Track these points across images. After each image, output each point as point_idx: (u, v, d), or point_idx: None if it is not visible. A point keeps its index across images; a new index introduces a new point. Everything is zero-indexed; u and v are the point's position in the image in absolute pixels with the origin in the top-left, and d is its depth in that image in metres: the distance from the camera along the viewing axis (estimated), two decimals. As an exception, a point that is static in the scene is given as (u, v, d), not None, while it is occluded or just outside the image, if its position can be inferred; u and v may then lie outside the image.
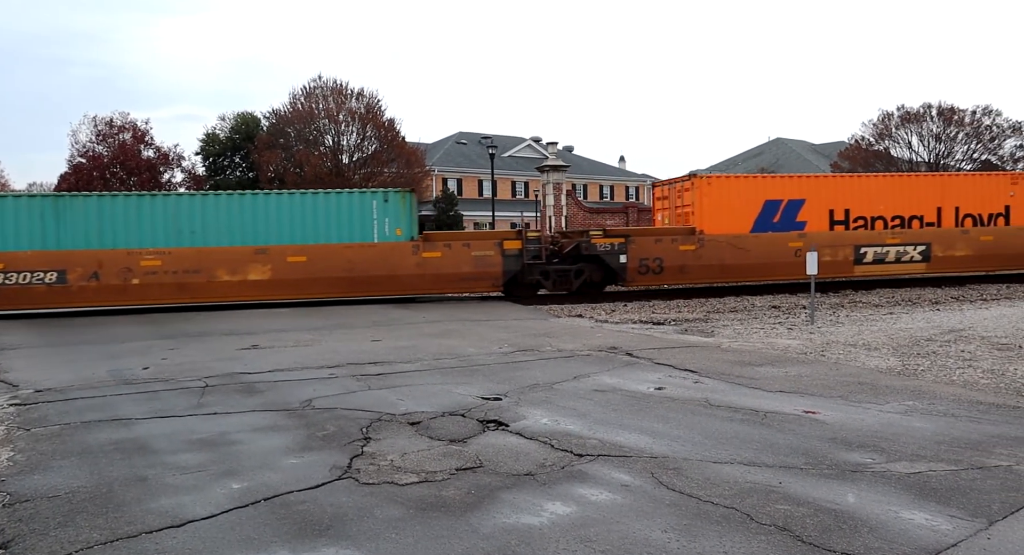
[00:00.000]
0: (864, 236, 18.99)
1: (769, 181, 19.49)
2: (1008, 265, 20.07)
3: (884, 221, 19.28)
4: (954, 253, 19.36)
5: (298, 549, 3.57)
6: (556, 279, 17.70)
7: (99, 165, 36.88)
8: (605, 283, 18.21)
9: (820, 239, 18.29)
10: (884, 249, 18.98)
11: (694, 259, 17.85)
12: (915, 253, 19.19)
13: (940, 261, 19.32)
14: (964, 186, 20.06)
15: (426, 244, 17.00)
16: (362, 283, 16.69)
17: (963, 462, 4.66)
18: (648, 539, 3.60)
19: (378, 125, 36.19)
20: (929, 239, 19.25)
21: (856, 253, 18.84)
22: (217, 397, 7.00)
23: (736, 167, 59.41)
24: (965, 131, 39.48)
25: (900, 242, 19.15)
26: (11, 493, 4.42)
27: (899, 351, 9.02)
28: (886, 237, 19.08)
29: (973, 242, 19.58)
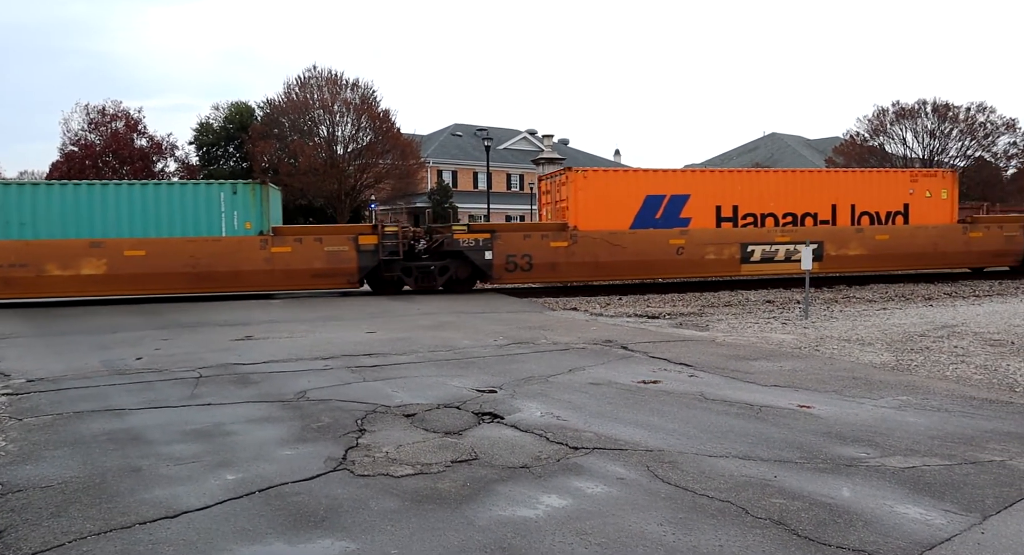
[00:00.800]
0: (752, 234, 18.37)
1: (651, 176, 18.65)
2: (906, 265, 19.58)
3: (775, 218, 18.69)
4: (847, 252, 18.81)
5: (293, 540, 3.55)
6: (419, 276, 17.11)
7: (91, 154, 36.62)
8: (473, 280, 17.56)
9: (703, 236, 17.85)
10: (773, 247, 18.37)
11: (566, 256, 17.24)
12: None
13: (833, 260, 18.77)
14: (862, 183, 19.49)
15: (276, 239, 16.26)
16: (207, 279, 15.97)
17: (957, 457, 4.69)
18: (644, 532, 3.60)
19: (373, 116, 36.03)
20: (821, 237, 18.61)
21: (743, 251, 18.24)
22: (211, 388, 6.97)
23: (731, 161, 59.47)
24: (959, 127, 39.61)
25: (790, 240, 18.50)
26: (3, 483, 4.39)
27: (893, 346, 9.06)
28: (775, 235, 18.45)
29: (868, 241, 19.00)
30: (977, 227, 19.74)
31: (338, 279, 16.56)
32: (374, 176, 36.92)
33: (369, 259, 16.57)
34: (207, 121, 42.50)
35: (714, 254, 18.01)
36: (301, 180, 33.98)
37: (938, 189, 19.67)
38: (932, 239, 19.23)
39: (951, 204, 19.76)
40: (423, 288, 17.09)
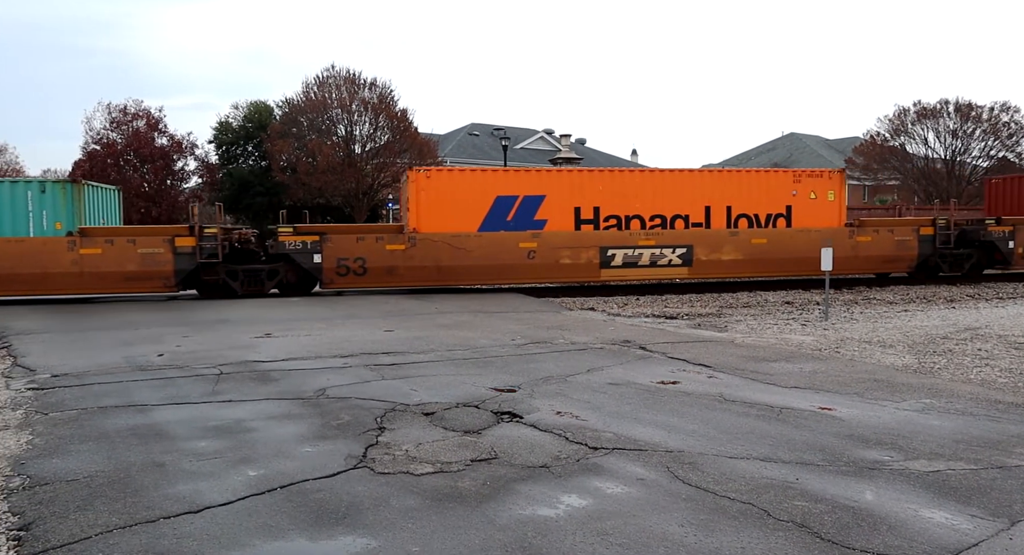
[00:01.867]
0: (612, 237, 17.34)
1: (503, 175, 17.67)
2: (786, 270, 18.30)
3: (642, 221, 17.62)
4: (720, 257, 17.73)
5: (315, 537, 3.58)
6: (245, 279, 16.21)
7: (113, 152, 37.07)
8: (306, 284, 16.77)
9: (557, 239, 16.97)
10: (636, 251, 17.34)
11: (404, 260, 16.44)
12: (674, 256, 17.54)
13: (704, 265, 17.75)
14: (739, 184, 18.37)
15: (85, 240, 15.33)
16: (10, 282, 15.08)
17: (983, 461, 4.62)
18: (665, 533, 3.58)
19: (390, 115, 36.16)
20: (690, 241, 17.61)
21: (602, 255, 17.19)
22: (232, 384, 7.04)
23: (749, 161, 59.04)
24: (982, 127, 39.00)
25: (655, 244, 17.47)
26: (31, 476, 4.46)
27: (915, 349, 8.95)
28: (639, 238, 17.40)
29: (743, 245, 17.84)
30: (865, 231, 18.55)
31: (153, 282, 15.71)
32: (391, 175, 37.03)
33: (187, 262, 15.65)
34: (226, 120, 42.89)
35: (570, 258, 17.05)
36: (319, 179, 34.19)
37: (824, 190, 18.55)
38: (815, 243, 17.53)
39: (839, 206, 18.62)
40: (250, 292, 16.16)
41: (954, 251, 19.25)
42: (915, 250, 18.85)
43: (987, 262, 19.86)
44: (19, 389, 7.02)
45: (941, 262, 19.24)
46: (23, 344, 9.95)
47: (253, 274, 16.37)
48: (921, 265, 19.11)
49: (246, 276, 16.28)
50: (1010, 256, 19.37)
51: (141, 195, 35.94)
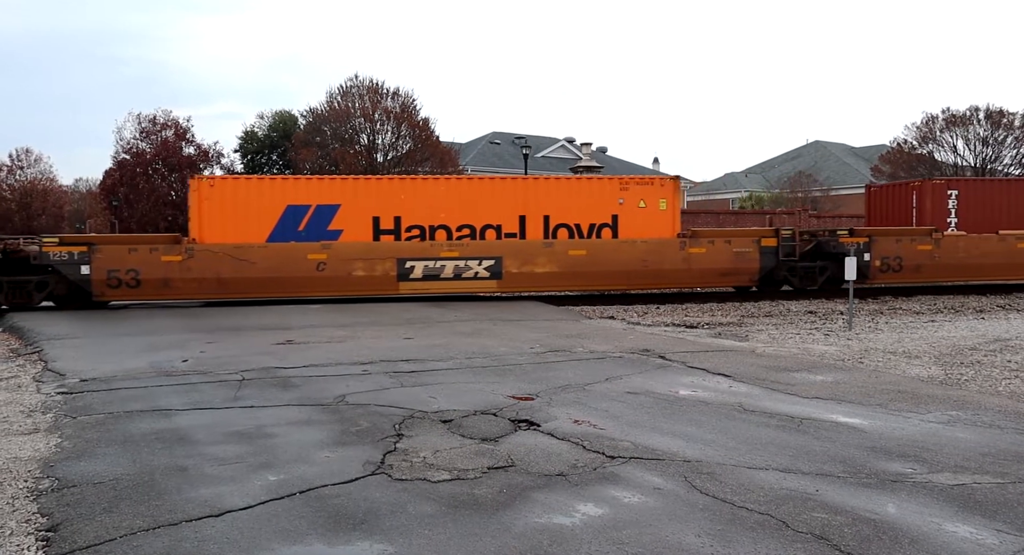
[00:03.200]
0: (412, 248, 16.50)
1: (294, 184, 16.96)
2: (610, 284, 17.28)
3: (448, 231, 16.84)
4: (534, 269, 16.60)
5: (333, 542, 3.62)
6: (10, 292, 15.29)
7: (142, 161, 37.86)
8: (78, 297, 15.71)
9: (350, 251, 16.12)
10: (438, 264, 16.35)
11: (181, 272, 15.56)
12: (480, 269, 16.50)
13: (515, 278, 16.66)
14: (559, 192, 17.31)
15: None
16: None
17: (1010, 475, 4.53)
18: (682, 543, 3.57)
19: (412, 124, 36.49)
20: (500, 253, 16.54)
21: (400, 268, 16.26)
22: (253, 390, 7.13)
23: (773, 169, 58.50)
24: (1014, 135, 38.28)
25: (459, 256, 16.46)
26: (59, 478, 4.57)
27: (941, 360, 8.79)
28: (441, 250, 16.46)
29: (559, 257, 16.65)
30: (699, 242, 17.25)
31: None
32: (413, 184, 37.38)
33: None
34: (252, 129, 43.61)
35: (364, 271, 16.15)
36: None
37: (654, 198, 17.40)
38: (641, 255, 16.87)
39: (671, 215, 17.43)
40: (18, 304, 15.36)
41: (805, 264, 17.90)
42: (756, 263, 17.44)
43: None
44: (49, 393, 7.18)
45: (790, 275, 17.89)
46: (53, 349, 10.18)
47: (19, 285, 15.49)
48: (765, 278, 17.81)
49: (10, 287, 15.42)
50: (867, 269, 17.72)
51: (168, 203, 36.63)
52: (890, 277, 18.08)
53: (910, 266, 18.02)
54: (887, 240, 18.10)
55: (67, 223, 48.31)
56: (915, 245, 18.15)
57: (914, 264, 18.03)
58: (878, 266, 17.87)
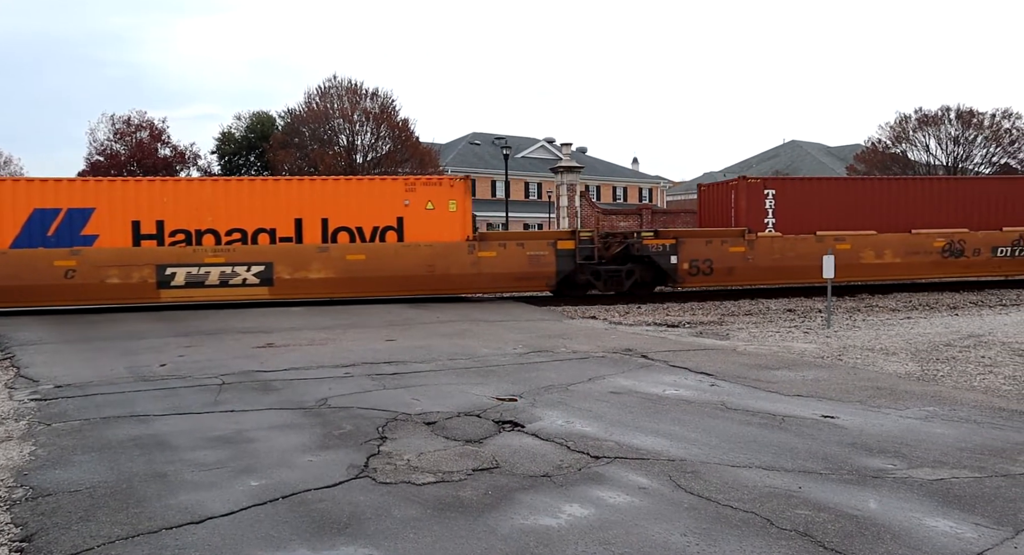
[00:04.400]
0: (173, 254, 15.63)
1: (42, 186, 15.60)
2: (393, 289, 16.57)
3: (217, 236, 15.92)
4: (308, 275, 16.03)
5: (317, 547, 3.58)
6: None
7: (116, 163, 37.31)
8: None
9: (104, 257, 15.22)
10: (203, 270, 15.59)
11: None
12: (249, 275, 15.84)
13: (288, 285, 16.02)
14: (339, 194, 16.49)
15: None
16: None
17: (987, 469, 4.60)
18: (667, 542, 3.58)
19: (392, 125, 36.35)
20: (271, 258, 15.88)
21: (160, 274, 15.47)
22: (234, 395, 7.04)
23: (750, 169, 59.11)
24: (984, 134, 39.06)
25: (226, 261, 15.72)
26: (34, 487, 4.47)
27: (918, 356, 8.93)
28: (205, 256, 15.67)
29: (336, 262, 16.07)
30: (489, 245, 16.68)
31: None
32: (393, 184, 37.23)
33: None
34: (229, 130, 43.14)
35: (119, 278, 15.29)
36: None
37: (443, 200, 16.66)
38: (426, 260, 16.35)
39: (461, 217, 16.71)
40: None
41: (610, 267, 17.48)
42: (552, 266, 16.98)
43: (660, 278, 17.97)
44: (22, 400, 7.03)
45: (594, 279, 17.40)
46: (26, 355, 9.97)
47: None
48: (564, 282, 17.36)
49: None
50: (673, 272, 17.46)
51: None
52: (700, 280, 17.72)
53: (721, 269, 17.68)
54: (696, 242, 17.71)
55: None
56: (726, 247, 17.72)
57: (726, 266, 17.69)
58: (686, 269, 17.54)
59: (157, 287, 15.60)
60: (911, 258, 18.51)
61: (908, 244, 18.56)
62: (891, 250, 18.51)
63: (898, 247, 18.53)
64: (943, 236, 18.77)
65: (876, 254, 18.41)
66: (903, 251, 18.52)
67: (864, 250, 18.34)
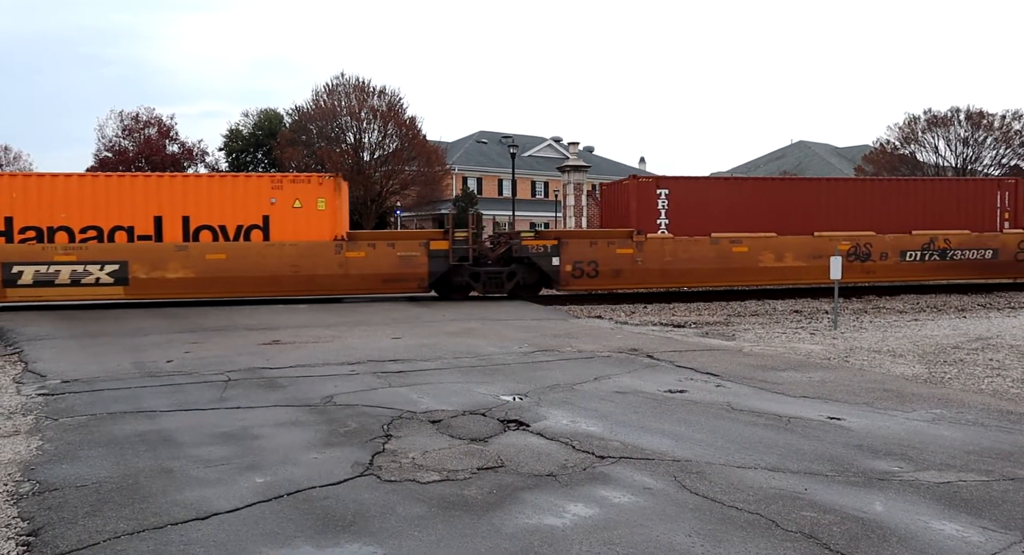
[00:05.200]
0: (20, 251, 15.17)
1: None
2: (258, 289, 16.11)
3: (70, 233, 15.50)
4: (166, 274, 15.65)
5: (321, 544, 3.58)
6: None
7: (124, 159, 37.47)
8: None
9: None
10: (52, 268, 15.19)
11: None
12: (103, 274, 15.46)
13: (144, 284, 15.62)
14: (201, 192, 16.06)
15: None
16: None
17: (994, 472, 4.57)
18: (672, 543, 3.57)
19: (399, 123, 36.36)
20: (126, 257, 15.49)
21: (6, 273, 15.05)
22: (239, 391, 7.06)
23: (758, 169, 58.91)
24: (994, 136, 38.82)
25: (77, 260, 15.29)
26: (40, 482, 4.49)
27: (925, 358, 8.88)
28: (55, 253, 15.25)
29: (196, 261, 15.70)
30: (358, 245, 16.34)
31: None
32: (400, 183, 37.22)
33: None
34: (237, 127, 43.26)
35: None
36: None
37: (312, 198, 16.30)
38: (291, 260, 15.93)
39: (331, 216, 16.50)
40: None
41: (491, 269, 17.10)
42: (425, 268, 16.60)
43: (547, 280, 17.44)
44: (30, 395, 7.07)
45: (473, 281, 16.99)
46: (34, 350, 10.03)
47: None
48: (440, 284, 17.04)
49: None
50: (555, 274, 16.98)
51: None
52: (585, 283, 17.20)
53: (608, 271, 17.14)
54: (579, 243, 17.18)
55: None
56: (613, 248, 17.15)
57: (612, 269, 17.16)
58: (570, 271, 16.99)
59: (3, 286, 15.20)
60: (814, 262, 17.67)
61: (810, 247, 17.85)
62: (792, 253, 17.84)
63: (800, 250, 17.87)
64: (848, 239, 18.04)
65: (776, 257, 17.80)
66: (805, 254, 17.85)
67: (763, 253, 17.74)
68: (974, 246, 18.90)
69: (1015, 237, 19.20)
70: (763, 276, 18.04)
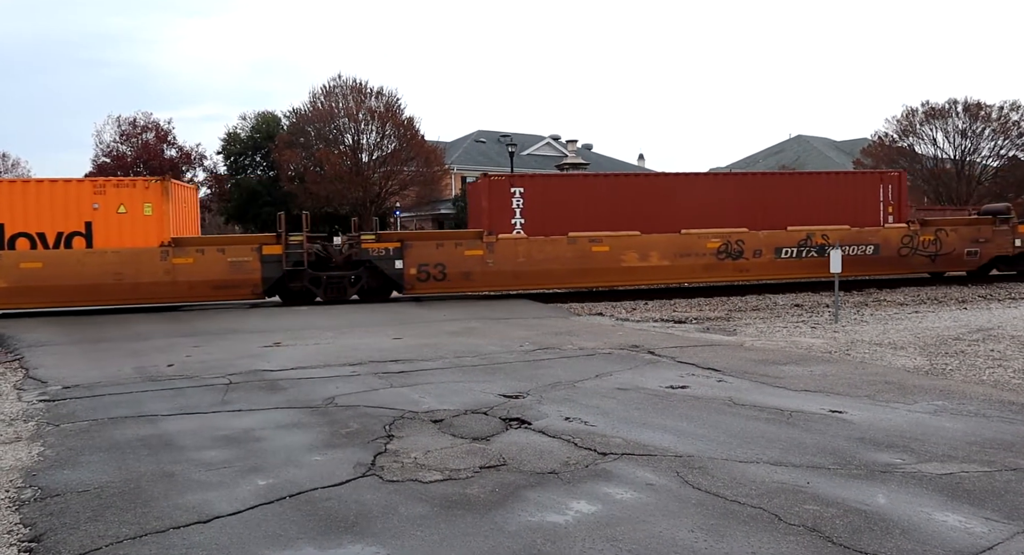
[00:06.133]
0: None
1: None
2: (79, 300, 15.43)
3: None
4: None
5: (324, 546, 3.58)
6: None
7: (123, 164, 37.46)
8: None
9: None
10: None
11: None
12: None
13: None
14: (15, 197, 15.19)
15: None
16: None
17: (996, 463, 4.57)
18: (675, 539, 3.56)
19: (397, 124, 36.34)
20: None
21: None
22: (241, 394, 7.06)
23: (757, 164, 58.89)
24: (992, 127, 38.78)
25: None
26: (42, 488, 4.49)
27: (926, 350, 8.87)
28: None
29: (9, 271, 14.96)
30: (185, 252, 15.74)
31: None
32: (399, 183, 37.21)
33: None
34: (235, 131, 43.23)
35: None
36: (327, 188, 34.40)
37: (137, 203, 15.60)
38: (114, 267, 15.23)
39: (157, 221, 15.68)
40: None
41: (333, 273, 16.47)
42: (258, 273, 15.92)
43: (396, 284, 16.79)
44: (31, 401, 7.07)
45: (314, 286, 16.33)
46: (35, 356, 10.03)
47: None
48: (276, 289, 16.37)
49: None
50: (399, 278, 16.36)
51: (151, 207, 36.24)
52: (433, 286, 16.55)
53: (457, 274, 16.48)
54: (425, 245, 16.54)
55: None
56: (461, 250, 16.49)
57: (461, 271, 16.50)
58: (414, 274, 16.32)
59: None
60: (681, 261, 17.20)
61: (677, 245, 17.21)
62: (658, 252, 17.13)
63: (666, 249, 17.16)
64: (718, 237, 17.37)
65: (640, 257, 17.06)
66: (672, 253, 17.17)
67: (626, 252, 16.98)
68: (854, 242, 18.07)
69: (898, 232, 18.46)
70: (627, 276, 17.30)
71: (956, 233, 18.98)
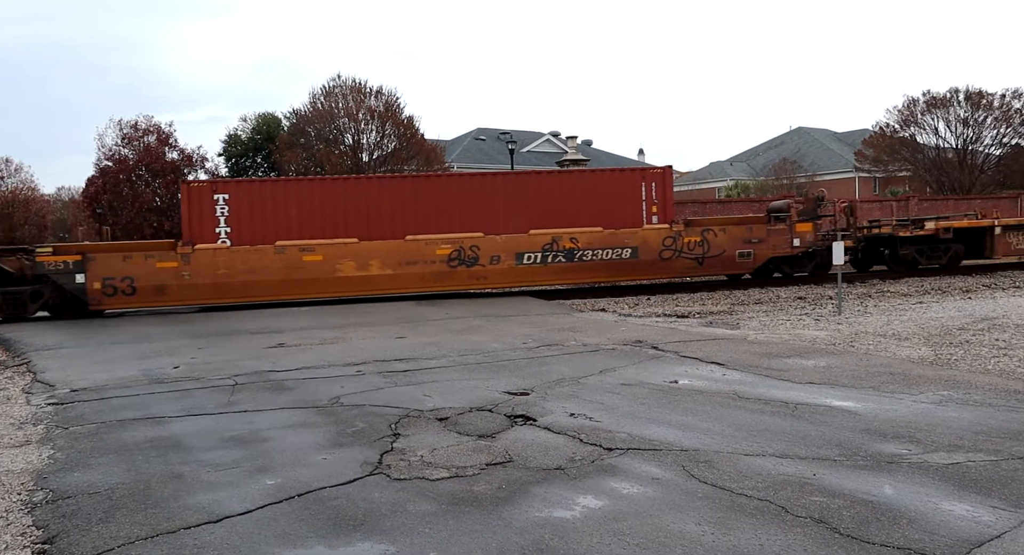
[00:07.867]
0: None
1: None
2: None
3: None
4: None
5: (333, 544, 3.60)
6: None
7: (125, 168, 37.49)
8: None
9: None
10: None
11: None
12: None
13: None
14: None
15: None
16: None
17: (1003, 452, 4.58)
18: (682, 532, 3.58)
19: (397, 123, 36.36)
20: None
21: None
22: (247, 395, 7.09)
23: (758, 157, 58.75)
24: (994, 115, 38.68)
25: None
26: (53, 490, 4.52)
27: (931, 341, 8.87)
28: None
29: None
30: None
31: None
32: (400, 182, 37.24)
33: None
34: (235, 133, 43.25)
35: None
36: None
37: None
38: None
39: None
40: None
41: (9, 289, 15.03)
42: None
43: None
44: (39, 404, 7.11)
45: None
46: (42, 360, 10.07)
47: None
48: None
49: None
50: (82, 293, 15.05)
51: (153, 209, 36.33)
52: (121, 301, 15.38)
53: (148, 287, 15.31)
54: (110, 257, 15.20)
55: (50, 232, 47.87)
56: (153, 262, 15.29)
57: (153, 285, 15.33)
58: (100, 289, 15.09)
59: None
60: (407, 269, 16.18)
61: (401, 253, 16.15)
62: (379, 260, 16.08)
63: (388, 257, 16.10)
64: (449, 242, 16.31)
65: (359, 265, 16.02)
66: (396, 261, 16.13)
67: (343, 261, 15.94)
68: (608, 245, 16.86)
69: (659, 233, 17.09)
70: (344, 286, 16.18)
71: (725, 233, 17.52)
